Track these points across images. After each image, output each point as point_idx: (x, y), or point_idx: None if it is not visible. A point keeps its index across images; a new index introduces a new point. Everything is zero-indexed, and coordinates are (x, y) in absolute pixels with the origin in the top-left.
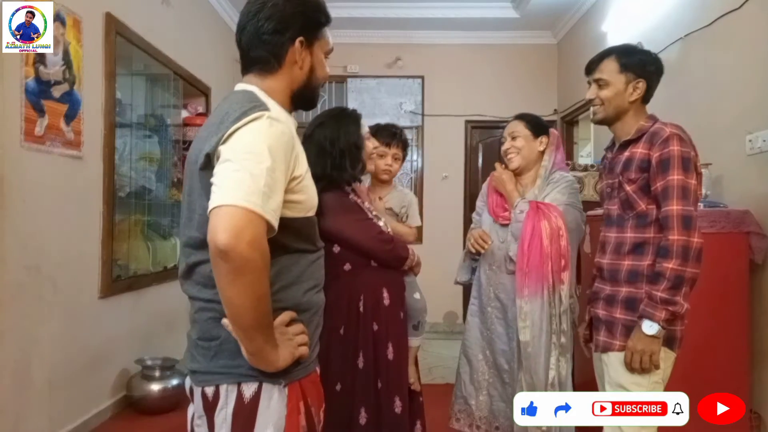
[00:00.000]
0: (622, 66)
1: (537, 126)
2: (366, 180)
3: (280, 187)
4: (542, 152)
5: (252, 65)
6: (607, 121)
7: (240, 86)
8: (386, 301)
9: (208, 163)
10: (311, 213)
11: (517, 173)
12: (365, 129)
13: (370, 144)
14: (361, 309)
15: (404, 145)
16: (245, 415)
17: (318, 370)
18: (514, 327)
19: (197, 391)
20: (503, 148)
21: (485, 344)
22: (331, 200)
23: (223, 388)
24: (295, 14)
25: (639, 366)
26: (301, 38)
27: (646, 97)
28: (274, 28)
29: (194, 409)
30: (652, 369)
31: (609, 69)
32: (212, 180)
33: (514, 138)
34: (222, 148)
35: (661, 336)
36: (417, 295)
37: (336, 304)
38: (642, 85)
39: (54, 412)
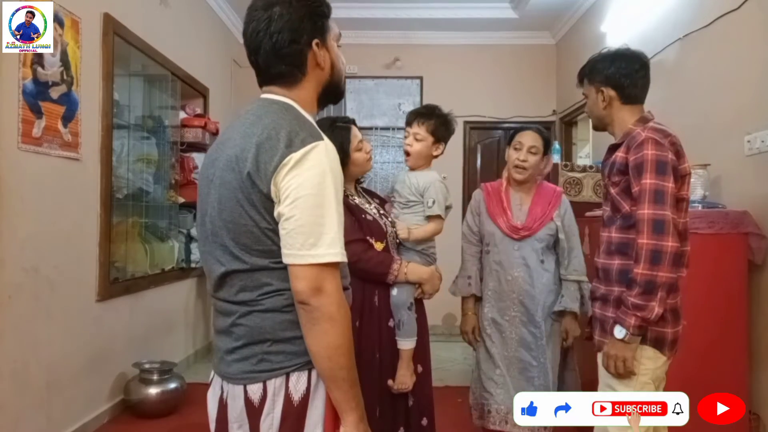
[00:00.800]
0: (588, 79)
1: (547, 144)
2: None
3: (342, 216)
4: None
5: (274, 80)
6: (598, 129)
7: (271, 96)
8: (377, 303)
9: (259, 182)
10: None
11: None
12: (357, 137)
13: (361, 154)
14: (377, 303)
15: (429, 127)
16: (294, 418)
17: None
18: (540, 328)
19: (237, 391)
20: (519, 157)
21: (508, 347)
22: None
23: (270, 385)
24: (303, 18)
25: (614, 371)
26: (316, 40)
27: (625, 99)
28: (290, 39)
29: (233, 413)
30: (628, 375)
31: (585, 84)
32: (283, 225)
33: (534, 153)
34: (282, 183)
35: (633, 342)
36: (394, 291)
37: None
38: (608, 90)
39: (52, 414)
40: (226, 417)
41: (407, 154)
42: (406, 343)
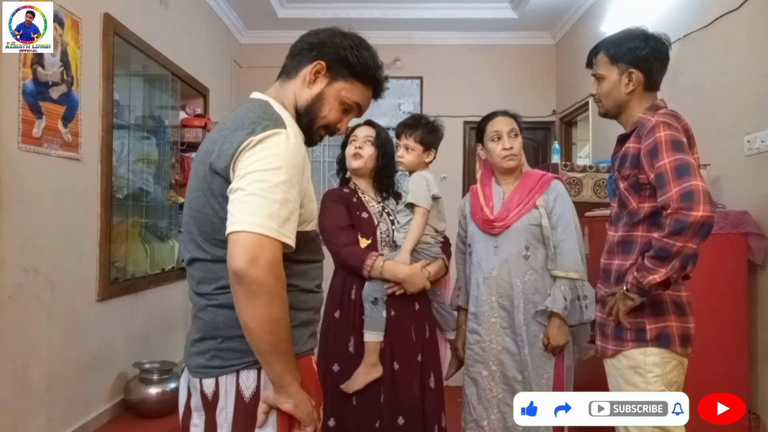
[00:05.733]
0: (611, 58)
1: (520, 125)
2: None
3: (296, 205)
4: None
5: (283, 70)
6: (610, 115)
7: (256, 95)
8: (353, 296)
9: (219, 169)
10: (309, 228)
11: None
12: (353, 134)
13: (348, 148)
14: (353, 297)
15: (417, 138)
16: (246, 414)
17: (314, 358)
18: (522, 334)
19: (195, 383)
20: (504, 146)
21: (490, 359)
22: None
23: (222, 381)
24: (338, 48)
25: (611, 314)
26: (321, 62)
27: (649, 84)
28: (311, 43)
29: (193, 402)
30: (619, 320)
31: (602, 62)
32: (231, 198)
33: (515, 136)
34: (239, 164)
35: (635, 296)
36: (365, 285)
37: (333, 291)
38: (637, 74)
39: (52, 414)
40: (190, 404)
41: (399, 164)
42: (368, 336)
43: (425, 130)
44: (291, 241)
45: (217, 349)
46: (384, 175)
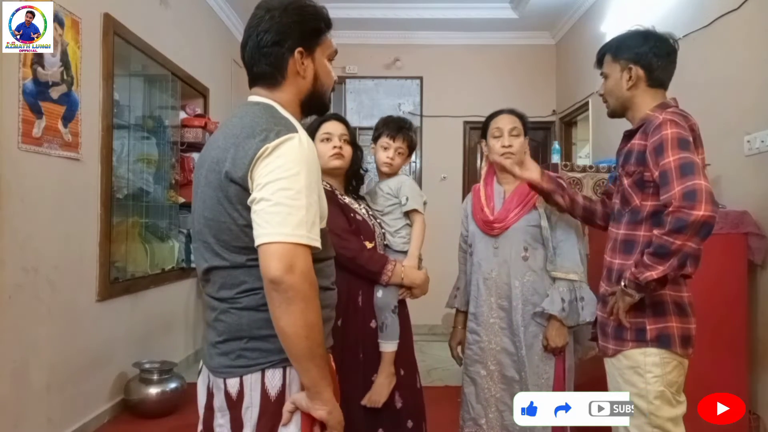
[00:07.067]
0: (614, 55)
1: (526, 125)
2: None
3: (317, 208)
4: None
5: (257, 80)
6: (617, 114)
7: (255, 98)
8: (360, 303)
9: (237, 178)
10: (322, 225)
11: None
12: (326, 129)
13: (324, 146)
14: (360, 304)
15: (410, 142)
16: (271, 412)
17: (331, 356)
18: (519, 335)
19: (219, 383)
20: (503, 143)
21: (489, 359)
22: None
23: (247, 380)
24: (293, 24)
25: (611, 315)
26: (300, 49)
27: (652, 81)
28: (272, 40)
29: (216, 402)
30: (618, 318)
31: (606, 61)
32: (255, 208)
33: (516, 135)
34: (256, 172)
35: (633, 292)
36: (379, 293)
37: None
38: (636, 69)
39: (52, 414)
40: (212, 405)
41: (388, 166)
42: (389, 346)
43: (414, 135)
44: (319, 244)
45: (242, 349)
46: (359, 177)
